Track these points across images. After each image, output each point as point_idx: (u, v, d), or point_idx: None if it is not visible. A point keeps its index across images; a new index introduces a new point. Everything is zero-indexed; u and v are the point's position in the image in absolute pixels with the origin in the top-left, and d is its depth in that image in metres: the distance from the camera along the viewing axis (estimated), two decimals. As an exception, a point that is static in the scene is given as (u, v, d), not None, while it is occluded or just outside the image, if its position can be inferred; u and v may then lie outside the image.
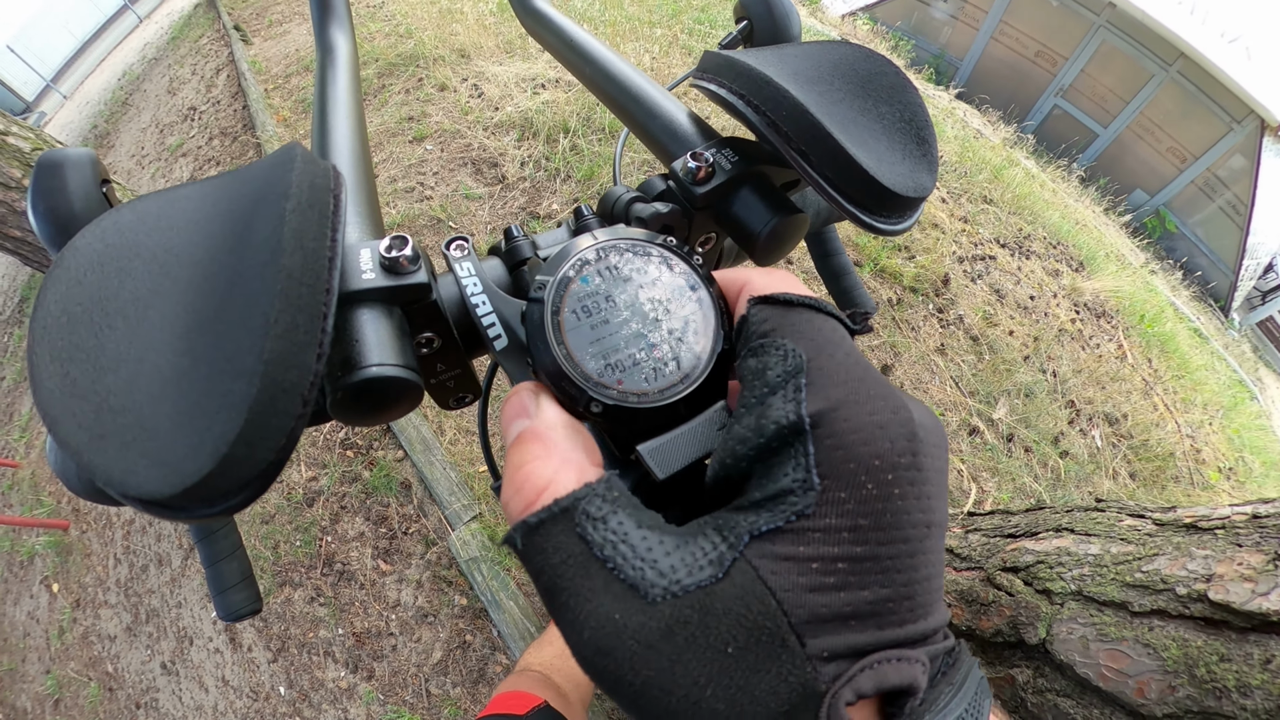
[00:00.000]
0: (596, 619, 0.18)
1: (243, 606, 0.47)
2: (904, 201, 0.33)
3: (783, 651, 0.18)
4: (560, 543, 0.20)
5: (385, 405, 0.28)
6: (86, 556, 2.61)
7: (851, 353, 0.23)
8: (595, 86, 0.51)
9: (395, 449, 2.16)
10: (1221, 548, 0.79)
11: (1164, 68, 7.89)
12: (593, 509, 0.20)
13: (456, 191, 2.80)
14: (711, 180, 0.36)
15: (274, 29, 4.92)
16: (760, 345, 0.23)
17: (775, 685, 0.17)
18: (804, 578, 0.18)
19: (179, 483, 0.19)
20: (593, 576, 0.19)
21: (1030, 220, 3.47)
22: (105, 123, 5.72)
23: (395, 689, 1.83)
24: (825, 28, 6.22)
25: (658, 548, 0.20)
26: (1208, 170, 7.96)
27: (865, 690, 0.18)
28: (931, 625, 0.20)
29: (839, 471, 0.19)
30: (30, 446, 3.15)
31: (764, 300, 0.25)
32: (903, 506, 0.19)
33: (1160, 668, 0.74)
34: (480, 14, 3.95)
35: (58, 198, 0.32)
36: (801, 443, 0.20)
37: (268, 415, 0.20)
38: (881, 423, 0.20)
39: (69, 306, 0.23)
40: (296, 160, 0.24)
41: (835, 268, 0.62)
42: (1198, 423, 2.92)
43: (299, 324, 0.21)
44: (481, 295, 0.30)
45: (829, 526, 0.19)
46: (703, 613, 0.18)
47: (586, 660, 0.19)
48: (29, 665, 2.56)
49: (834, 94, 0.36)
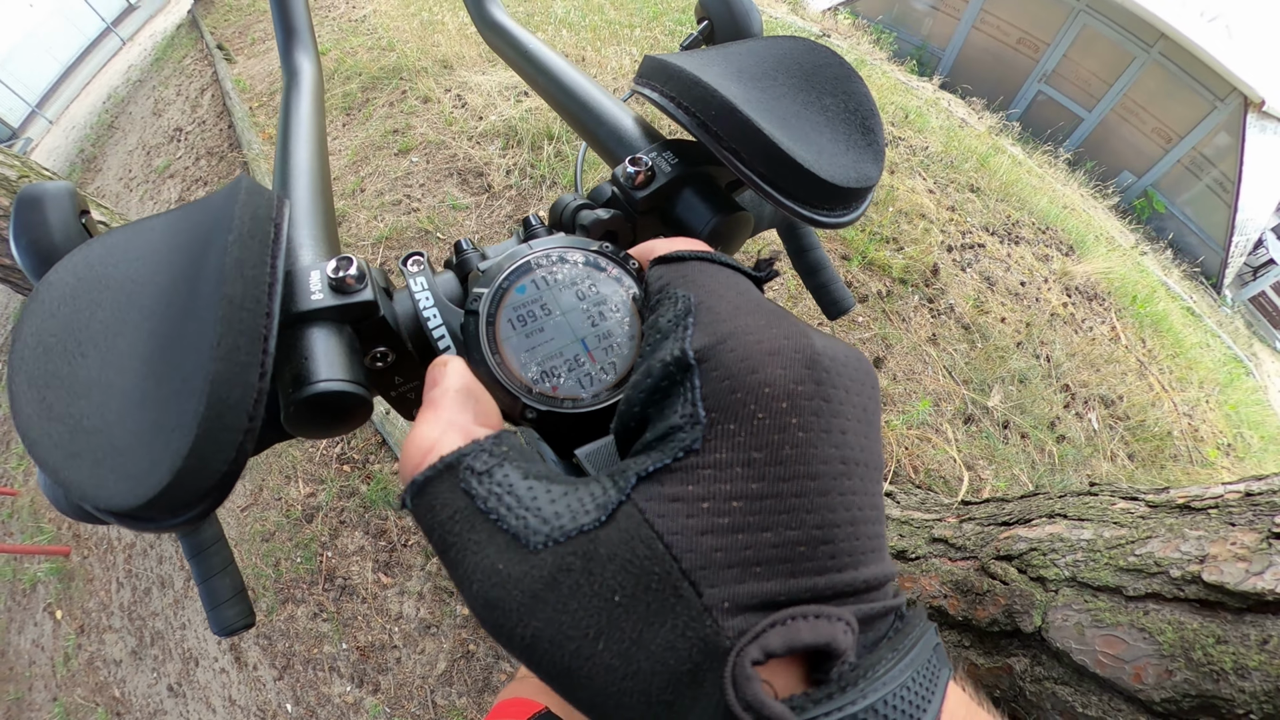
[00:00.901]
0: (482, 571, 0.18)
1: (235, 621, 0.49)
2: (845, 193, 0.33)
3: (676, 602, 0.16)
4: (446, 499, 0.20)
5: (336, 418, 0.29)
6: (89, 582, 2.61)
7: (746, 293, 0.23)
8: (549, 96, 0.52)
9: (391, 461, 2.16)
10: (1215, 528, 0.79)
11: (1145, 49, 7.90)
12: (478, 464, 0.20)
13: (443, 202, 2.80)
14: (652, 184, 0.37)
15: (256, 46, 4.92)
16: (656, 301, 0.24)
17: (672, 639, 0.16)
18: (694, 519, 0.17)
19: (142, 494, 0.20)
20: (477, 529, 0.19)
21: (1018, 207, 3.47)
22: (92, 147, 5.71)
23: (401, 701, 1.83)
24: (806, 24, 6.23)
25: (543, 496, 0.19)
26: (1193, 149, 7.97)
27: (774, 648, 0.16)
28: (862, 578, 0.18)
29: (727, 402, 0.19)
30: (29, 474, 3.15)
31: (660, 260, 0.26)
32: (805, 439, 0.18)
33: (1156, 652, 0.74)
34: (461, 24, 3.95)
35: (38, 231, 0.33)
36: (689, 379, 0.20)
37: (216, 431, 0.21)
38: (773, 349, 0.19)
39: (44, 338, 0.24)
40: (240, 193, 0.26)
41: (811, 263, 0.61)
42: (1194, 400, 2.92)
43: (240, 345, 0.22)
44: (432, 309, 0.31)
45: (719, 461, 0.18)
46: (586, 559, 0.17)
47: (478, 614, 0.18)
48: (35, 693, 2.56)
49: (775, 89, 0.36)
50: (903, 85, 5.06)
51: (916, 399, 2.28)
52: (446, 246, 2.64)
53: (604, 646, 0.16)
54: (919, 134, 3.65)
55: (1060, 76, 8.77)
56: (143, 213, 4.00)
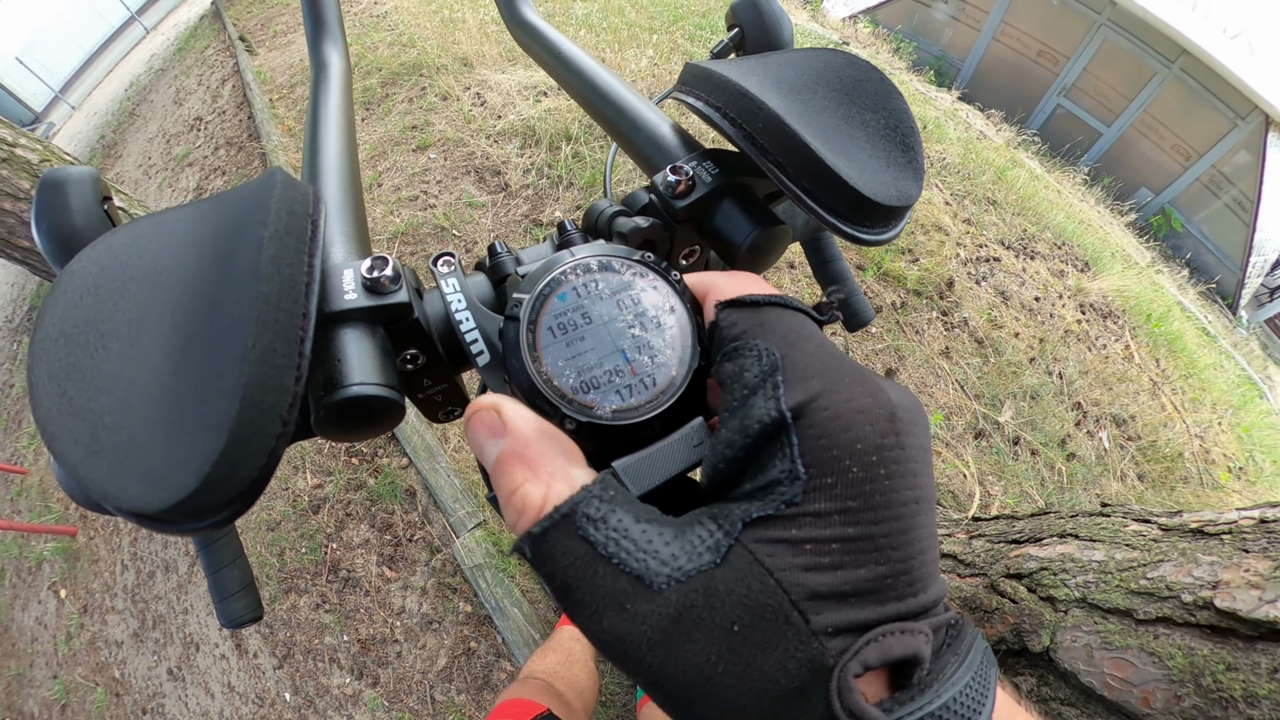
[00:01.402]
0: (610, 611, 0.20)
1: (244, 614, 0.48)
2: (886, 210, 0.32)
3: (787, 628, 0.19)
4: (566, 547, 0.21)
5: (368, 423, 0.28)
6: (94, 562, 2.63)
7: (823, 344, 0.24)
8: (582, 99, 0.51)
9: (400, 456, 2.17)
10: (1228, 554, 0.78)
11: (1166, 65, 7.84)
12: (591, 511, 0.21)
13: (460, 200, 2.81)
14: (692, 193, 0.36)
15: (278, 39, 4.96)
16: (734, 349, 0.24)
17: (784, 661, 0.18)
18: (799, 558, 0.19)
19: (167, 498, 0.20)
20: (600, 573, 0.20)
21: (1035, 221, 3.45)
22: (113, 133, 5.76)
23: (400, 695, 1.84)
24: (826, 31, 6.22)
25: (657, 539, 0.21)
26: (1213, 167, 7.90)
27: (871, 662, 0.18)
28: (931, 598, 0.21)
29: (823, 459, 0.20)
30: (39, 454, 3.18)
31: (731, 304, 0.26)
32: (890, 486, 0.20)
33: (1165, 677, 0.73)
34: (482, 22, 3.97)
35: (60, 216, 0.33)
36: (785, 436, 0.21)
37: (248, 435, 0.20)
38: (860, 407, 0.21)
39: (66, 328, 0.24)
40: (276, 186, 0.25)
41: (833, 274, 0.62)
42: (1206, 422, 2.89)
43: (276, 348, 0.22)
44: (465, 312, 0.30)
45: (819, 511, 0.20)
46: (706, 595, 0.19)
47: (606, 648, 0.20)
48: (36, 670, 2.58)
49: (816, 102, 0.35)
50: (921, 95, 5.04)
51: (928, 412, 2.26)
52: (462, 244, 2.65)
53: (723, 669, 0.18)
54: (937, 145, 3.64)
55: (1080, 90, 8.71)
56: (161, 200, 4.04)
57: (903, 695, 0.19)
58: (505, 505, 0.23)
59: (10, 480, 3.21)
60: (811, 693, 0.18)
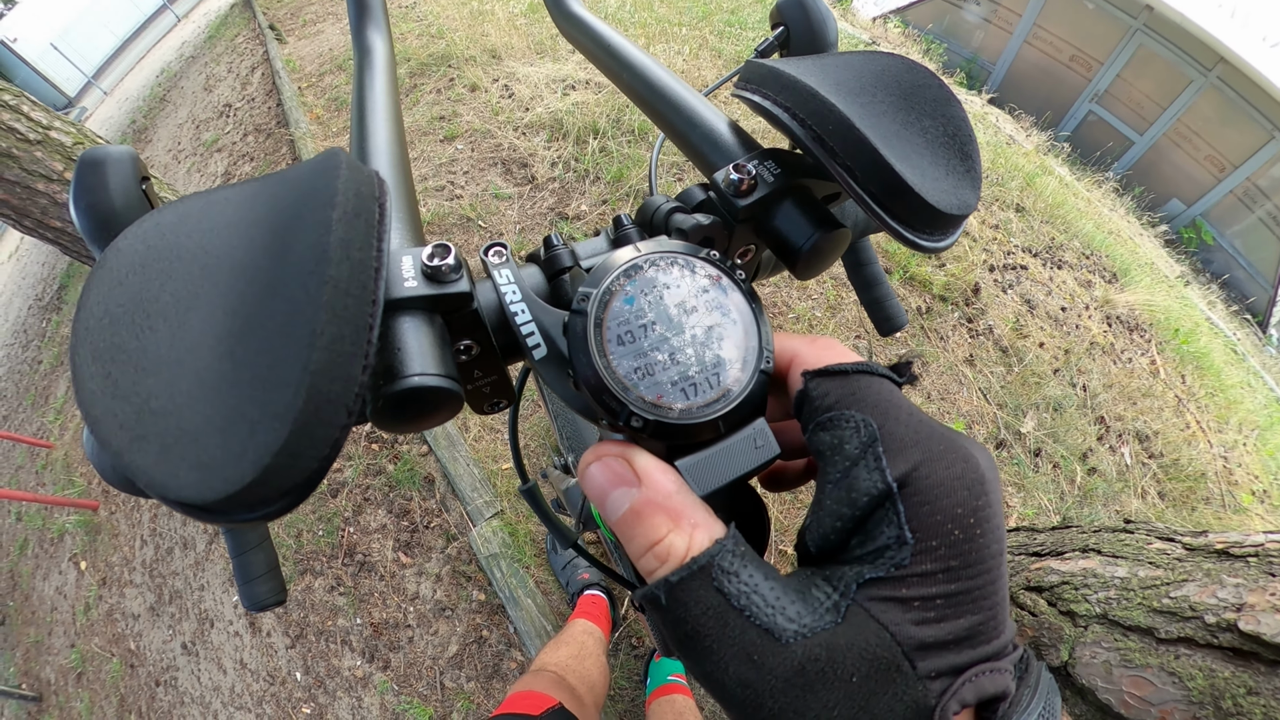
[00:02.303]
0: (739, 660, 0.21)
1: (267, 597, 0.48)
2: (948, 219, 0.32)
3: (898, 676, 0.21)
4: (699, 596, 0.22)
5: (426, 414, 0.27)
6: (114, 536, 2.69)
7: (914, 412, 0.25)
8: (632, 92, 0.50)
9: (420, 444, 2.19)
10: (1254, 576, 0.77)
11: (1203, 73, 7.67)
12: (726, 564, 0.23)
13: (486, 191, 2.82)
14: (754, 193, 0.36)
15: (308, 28, 5.01)
16: (829, 419, 0.25)
17: (893, 704, 0.20)
18: (909, 614, 0.21)
19: (221, 489, 0.19)
20: (731, 624, 0.22)
21: (1063, 230, 3.40)
22: (144, 118, 5.86)
23: (410, 680, 1.86)
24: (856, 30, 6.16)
25: (784, 596, 0.22)
26: (1248, 180, 7.72)
27: (968, 700, 0.21)
28: (1008, 638, 0.23)
29: (927, 524, 0.22)
30: (64, 429, 3.25)
31: (821, 374, 0.27)
32: (983, 544, 0.22)
33: (1185, 698, 0.72)
34: (511, 15, 3.98)
35: (99, 194, 0.32)
36: (892, 504, 0.23)
37: (312, 426, 0.19)
38: (957, 474, 0.23)
39: (111, 307, 0.23)
40: (342, 167, 0.24)
41: (868, 277, 0.62)
42: (1231, 443, 2.83)
43: (344, 335, 0.21)
44: (521, 304, 0.30)
45: (925, 571, 0.22)
46: (830, 649, 0.21)
47: (730, 694, 0.21)
48: (55, 638, 2.65)
49: (877, 107, 0.35)
50: (950, 99, 4.97)
51: (950, 420, 2.25)
52: (488, 235, 2.66)
53: (839, 714, 0.20)
54: (964, 150, 3.59)
55: (1112, 97, 8.55)
56: (190, 184, 4.10)
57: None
58: (644, 554, 0.24)
59: (37, 454, 3.29)
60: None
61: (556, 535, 0.48)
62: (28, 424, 3.55)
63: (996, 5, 9.13)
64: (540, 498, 0.47)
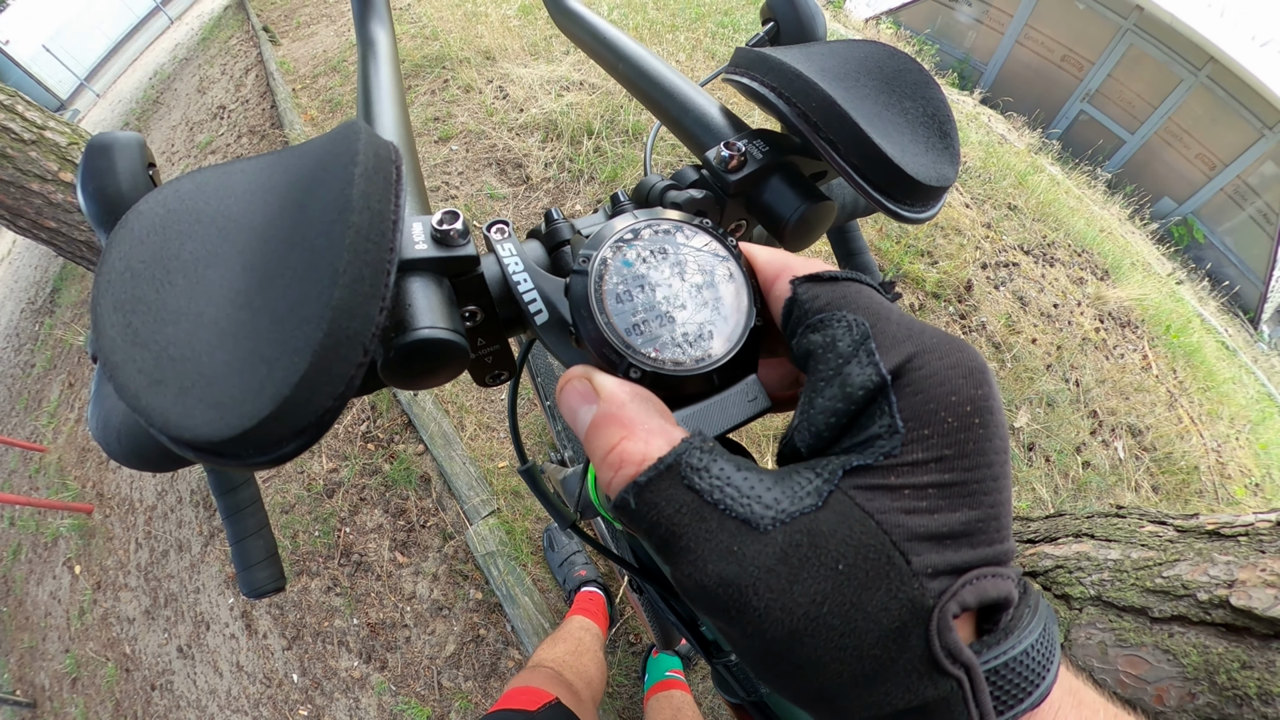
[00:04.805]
0: (717, 554, 0.20)
1: (266, 584, 0.49)
2: (927, 190, 0.34)
3: (890, 569, 0.19)
4: (670, 495, 0.21)
5: (435, 368, 0.29)
6: (109, 540, 2.67)
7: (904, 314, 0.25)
8: (628, 81, 0.52)
9: (416, 443, 2.18)
10: (1244, 554, 0.78)
11: (1193, 72, 7.73)
12: (694, 461, 0.22)
13: (481, 191, 2.83)
14: (744, 169, 0.38)
15: (302, 30, 5.00)
16: (820, 320, 0.25)
17: (886, 601, 0.19)
18: (897, 502, 0.20)
19: (236, 425, 0.20)
20: (707, 519, 0.21)
21: (1055, 227, 3.42)
22: (137, 120, 5.83)
23: (407, 680, 1.85)
24: (849, 31, 6.19)
25: (759, 485, 0.21)
26: (1238, 177, 7.78)
27: (969, 603, 0.19)
28: (1011, 547, 0.22)
29: (920, 414, 0.21)
30: (58, 432, 3.23)
31: (810, 279, 0.27)
32: (983, 435, 0.21)
33: (1180, 674, 0.73)
34: (504, 16, 3.98)
35: (106, 178, 0.33)
36: (885, 396, 0.22)
37: (331, 360, 0.20)
38: (953, 363, 0.22)
39: (132, 263, 0.24)
40: (361, 133, 0.25)
41: (859, 267, 0.63)
42: (1224, 437, 2.86)
43: (364, 276, 0.22)
44: (523, 273, 0.32)
45: (916, 459, 0.21)
46: (811, 535, 0.20)
47: (712, 596, 0.20)
48: (49, 644, 2.63)
49: (860, 89, 0.37)
50: (942, 99, 5.00)
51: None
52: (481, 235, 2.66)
53: (828, 609, 0.19)
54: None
55: (1103, 96, 8.62)
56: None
57: (990, 639, 0.20)
58: (601, 463, 0.24)
59: (30, 458, 3.27)
60: (910, 632, 0.19)
61: (555, 515, 0.49)
62: (21, 428, 3.52)
63: (988, 6, 9.19)
64: (539, 478, 0.49)
